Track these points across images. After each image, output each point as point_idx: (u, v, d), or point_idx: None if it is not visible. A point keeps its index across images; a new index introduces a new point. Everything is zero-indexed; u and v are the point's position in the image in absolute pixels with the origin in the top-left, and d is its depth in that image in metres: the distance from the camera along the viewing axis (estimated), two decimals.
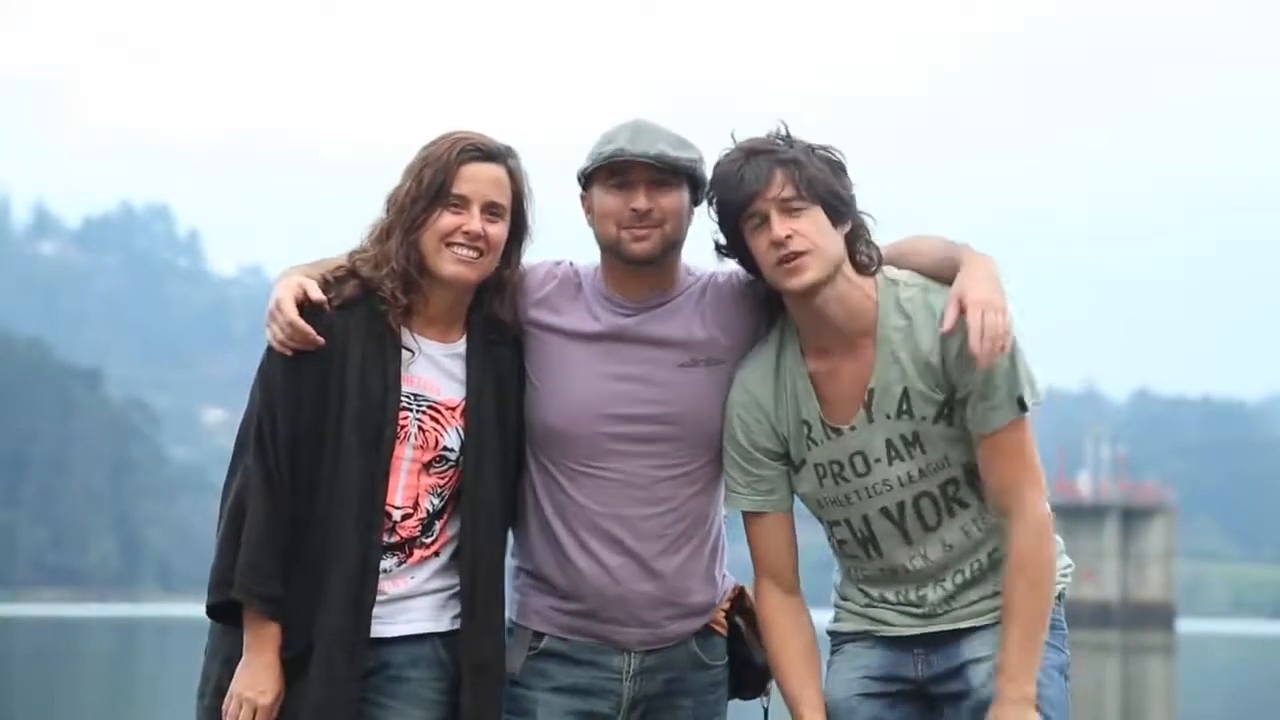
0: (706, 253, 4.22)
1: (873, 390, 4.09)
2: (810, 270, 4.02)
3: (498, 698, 4.20)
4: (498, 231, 4.19)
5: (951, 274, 4.06)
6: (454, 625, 4.19)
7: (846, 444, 4.13)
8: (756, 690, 4.41)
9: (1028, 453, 4.07)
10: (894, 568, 4.17)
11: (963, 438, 4.09)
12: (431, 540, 4.20)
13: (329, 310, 4.12)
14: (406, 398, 4.16)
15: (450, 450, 4.20)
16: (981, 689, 4.08)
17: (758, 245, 4.06)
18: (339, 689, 4.06)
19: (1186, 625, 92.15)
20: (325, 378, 4.11)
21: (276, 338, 4.11)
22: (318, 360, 4.11)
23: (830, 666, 4.26)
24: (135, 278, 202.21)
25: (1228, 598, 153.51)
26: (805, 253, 4.01)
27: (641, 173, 4.17)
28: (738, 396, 4.20)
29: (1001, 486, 4.07)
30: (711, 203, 4.12)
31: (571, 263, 4.37)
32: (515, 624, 4.30)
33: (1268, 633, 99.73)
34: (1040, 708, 4.03)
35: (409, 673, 4.16)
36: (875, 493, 4.14)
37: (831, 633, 4.31)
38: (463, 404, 4.21)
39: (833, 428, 4.13)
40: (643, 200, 4.18)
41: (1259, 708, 29.14)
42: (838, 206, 4.06)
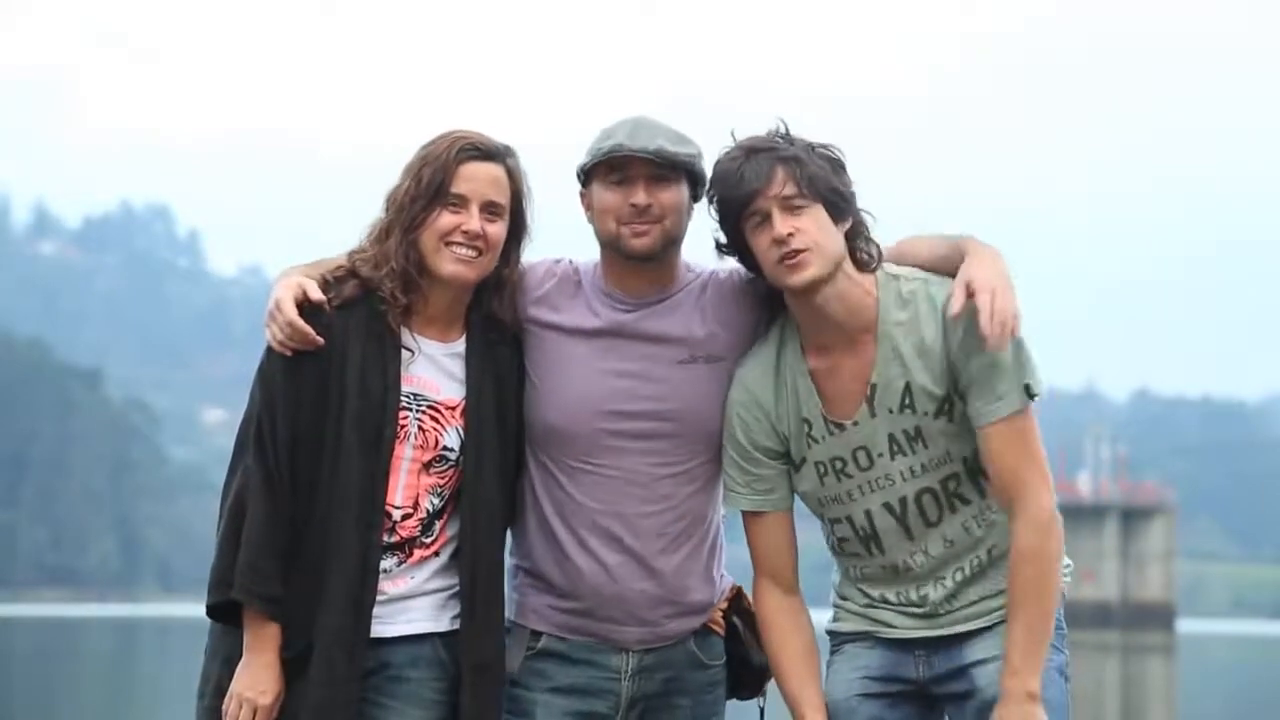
0: (707, 250, 4.22)
1: (875, 385, 4.09)
2: (811, 267, 4.02)
3: (498, 697, 4.19)
4: (497, 231, 4.19)
5: (954, 267, 4.06)
6: (454, 625, 4.19)
7: (849, 439, 4.12)
8: (754, 690, 4.40)
9: (1033, 444, 4.04)
10: (895, 565, 4.17)
11: (963, 433, 4.08)
12: (431, 540, 4.20)
13: (328, 310, 4.12)
14: (406, 397, 4.16)
15: (450, 450, 4.20)
16: (987, 689, 4.07)
17: (759, 243, 4.06)
18: (339, 689, 4.05)
19: (1186, 625, 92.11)
20: (325, 378, 4.11)
21: (276, 338, 4.10)
22: (317, 360, 4.11)
23: (830, 667, 4.25)
24: (135, 278, 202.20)
25: (1228, 598, 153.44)
26: (806, 250, 4.00)
27: (641, 168, 4.17)
28: (737, 395, 4.20)
29: (1006, 479, 4.04)
30: (712, 201, 4.12)
31: (571, 260, 4.36)
32: (513, 623, 4.29)
33: (1268, 633, 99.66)
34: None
35: (409, 673, 4.15)
36: (878, 487, 4.13)
37: (831, 633, 4.30)
38: (462, 403, 4.21)
39: (835, 423, 4.12)
40: (642, 196, 4.17)
41: (1259, 708, 29.12)
42: (838, 204, 4.06)
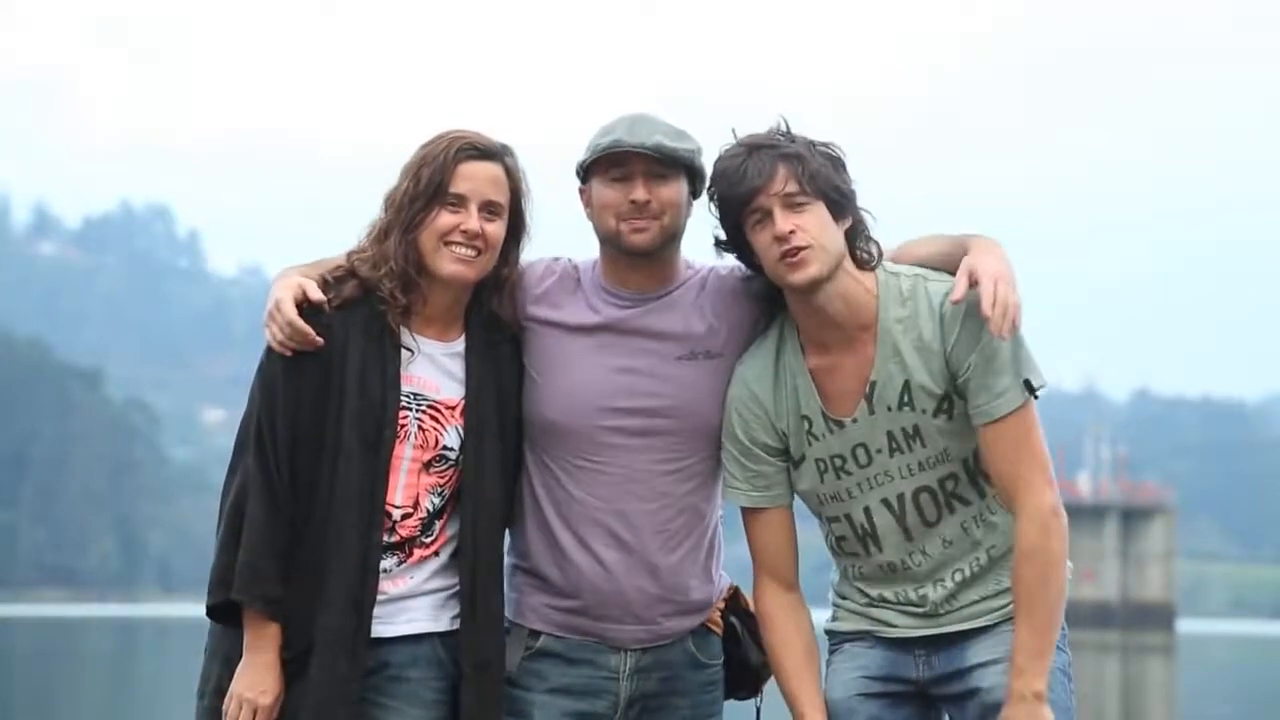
0: (706, 248, 4.22)
1: (874, 383, 4.09)
2: (813, 265, 4.01)
3: (498, 697, 4.19)
4: (495, 230, 4.19)
5: (956, 264, 4.06)
6: (454, 625, 4.19)
7: (849, 437, 4.12)
8: (751, 690, 4.40)
9: (1034, 441, 4.03)
10: (893, 564, 4.16)
11: (962, 432, 4.07)
12: (431, 540, 4.20)
13: (328, 310, 4.12)
14: (406, 397, 4.16)
15: (450, 449, 4.20)
16: (991, 692, 4.05)
17: (760, 240, 4.06)
18: (339, 689, 4.05)
19: (1186, 625, 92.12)
20: (325, 378, 4.11)
21: (276, 338, 4.10)
22: (317, 360, 4.11)
23: (829, 666, 4.25)
24: (135, 278, 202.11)
25: (1228, 598, 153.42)
26: (808, 248, 4.00)
27: (639, 164, 4.17)
28: (737, 392, 4.20)
29: (1007, 478, 4.03)
30: (713, 198, 4.12)
31: (570, 259, 4.36)
32: (511, 623, 4.28)
33: (1268, 633, 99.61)
34: None
35: (409, 672, 4.15)
36: (876, 484, 4.13)
37: (830, 632, 4.30)
38: (462, 403, 4.21)
39: (835, 421, 4.12)
40: (641, 191, 4.18)
41: (1259, 708, 29.08)
42: (839, 202, 4.06)
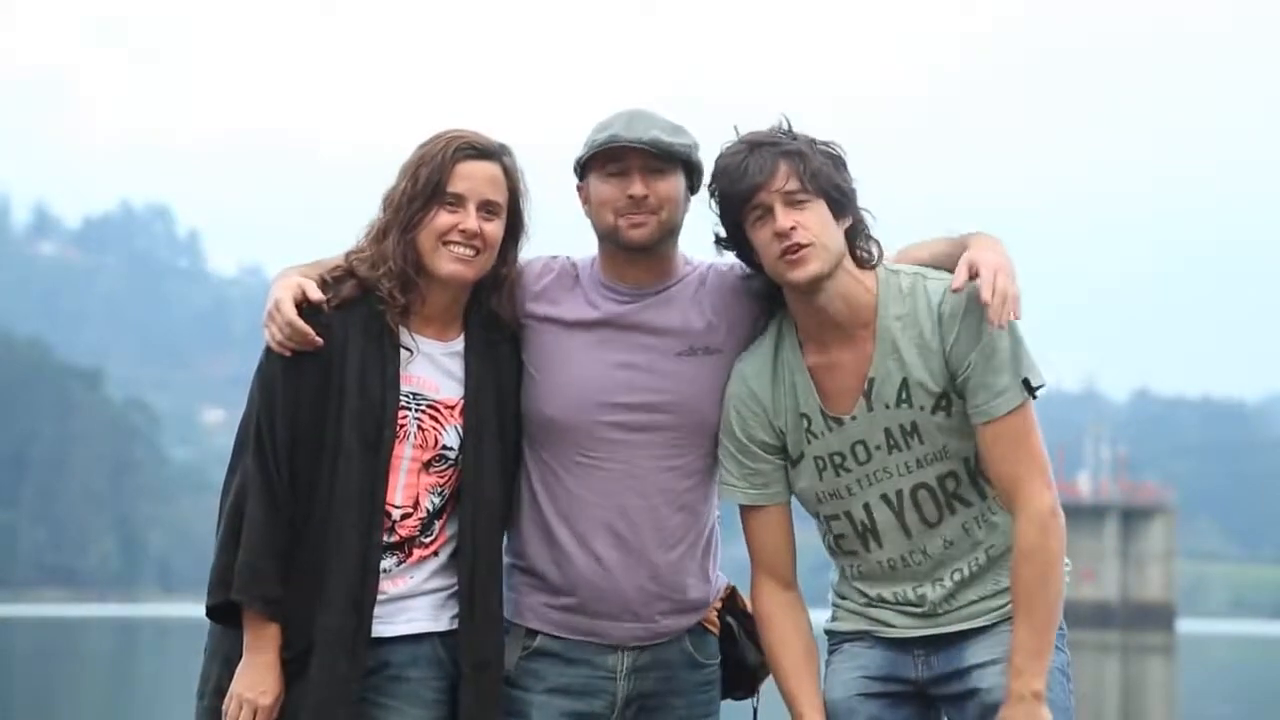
0: (706, 246, 4.22)
1: (872, 380, 4.09)
2: (813, 263, 4.02)
3: (497, 697, 4.19)
4: (494, 229, 4.19)
5: (955, 261, 4.07)
6: (453, 625, 4.19)
7: (848, 434, 4.12)
8: (748, 691, 4.40)
9: (1032, 441, 4.03)
10: (893, 561, 4.16)
11: (961, 431, 4.07)
12: (431, 540, 4.20)
13: (327, 310, 4.12)
14: (405, 397, 4.16)
15: (450, 449, 4.20)
16: (990, 692, 4.05)
17: (760, 237, 4.06)
18: (339, 689, 4.05)
19: (1186, 625, 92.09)
20: (324, 378, 4.11)
21: (275, 338, 4.10)
22: (316, 360, 4.11)
23: (829, 666, 4.24)
24: (135, 278, 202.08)
25: (1228, 598, 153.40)
26: (809, 245, 4.01)
27: (637, 159, 4.17)
28: (735, 389, 4.20)
29: (1006, 477, 4.03)
30: (714, 194, 4.12)
31: (568, 256, 4.37)
32: (509, 622, 4.28)
33: (1268, 633, 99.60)
34: None
35: (409, 672, 4.15)
36: (875, 480, 4.12)
37: (829, 632, 4.29)
38: (461, 402, 4.21)
39: (834, 418, 4.12)
40: (639, 186, 4.18)
41: (1259, 708, 29.08)
42: (840, 200, 4.06)
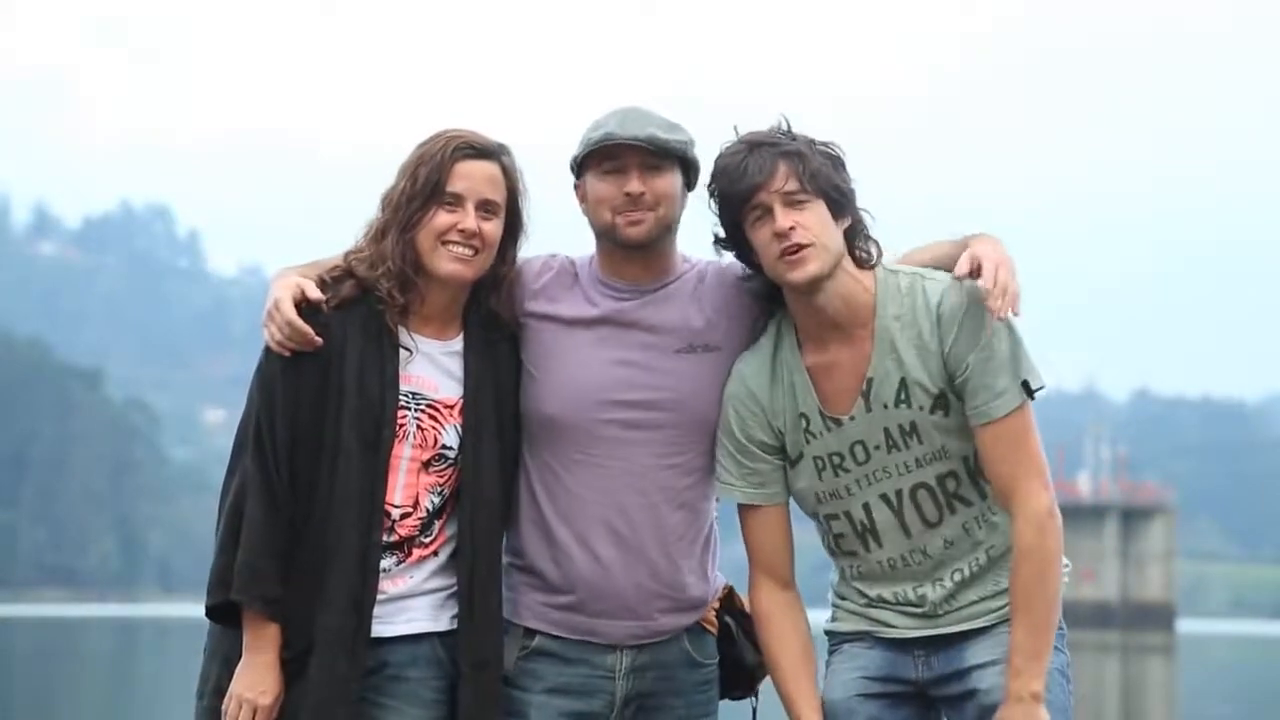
0: (705, 246, 4.22)
1: (871, 380, 4.08)
2: (812, 263, 4.02)
3: (496, 696, 4.19)
4: (493, 229, 4.18)
5: (955, 261, 4.08)
6: (453, 625, 4.19)
7: (847, 434, 4.12)
8: (746, 690, 4.40)
9: (1031, 442, 4.03)
10: (893, 561, 4.16)
11: (960, 430, 4.07)
12: (430, 540, 4.20)
13: (326, 310, 4.12)
14: (405, 396, 4.16)
15: (449, 448, 4.19)
16: (989, 693, 4.05)
17: (759, 237, 4.06)
18: (339, 689, 4.05)
19: (1186, 625, 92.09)
20: (323, 378, 4.11)
21: (275, 338, 4.10)
22: (316, 360, 4.10)
23: (829, 666, 4.24)
24: (135, 278, 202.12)
25: (1228, 598, 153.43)
26: (808, 245, 4.01)
27: (633, 156, 4.17)
28: (734, 389, 4.20)
29: (1004, 478, 4.03)
30: (713, 195, 4.12)
31: (566, 255, 4.36)
32: (508, 622, 4.27)
33: (1268, 633, 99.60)
34: None
35: (408, 672, 4.15)
36: (875, 480, 4.12)
37: (829, 633, 4.29)
38: (461, 402, 4.20)
39: (832, 419, 4.12)
40: (635, 184, 4.18)
41: (1259, 708, 29.08)
42: (839, 201, 4.06)
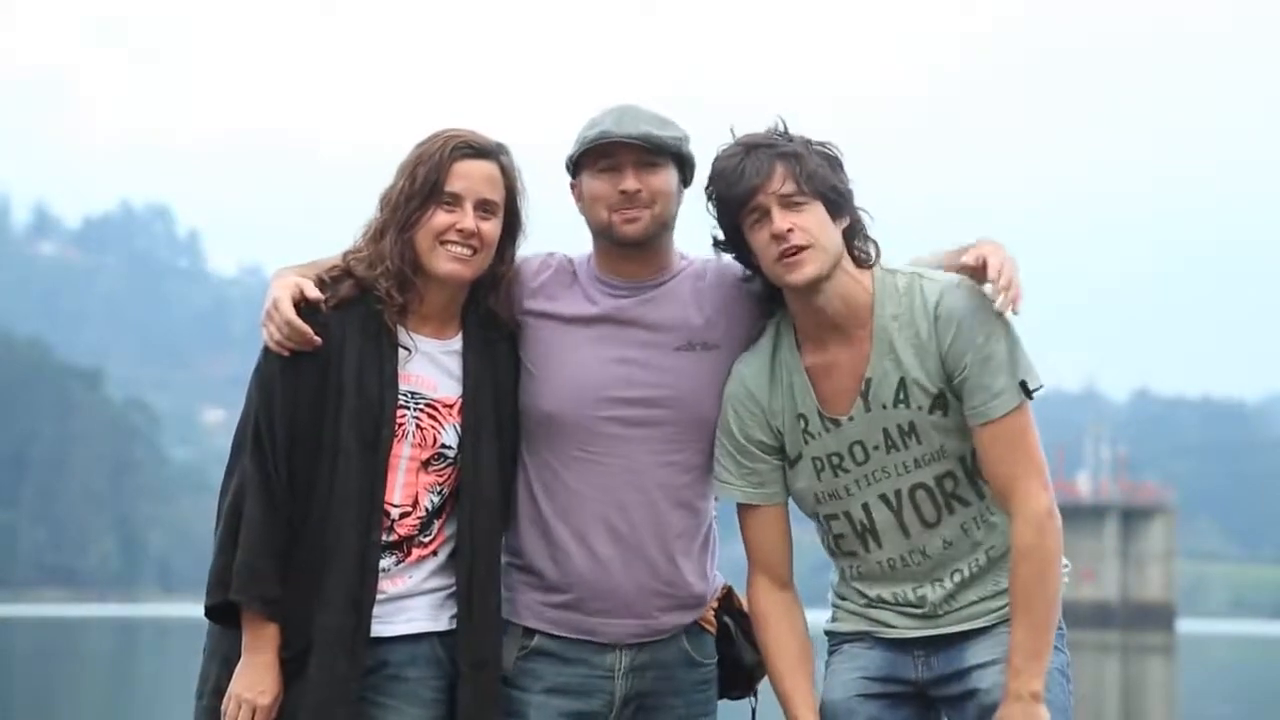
0: (704, 246, 4.21)
1: (869, 380, 4.08)
2: (811, 265, 4.01)
3: (495, 696, 4.18)
4: (491, 228, 4.18)
5: (955, 264, 4.09)
6: (452, 625, 4.18)
7: (845, 435, 4.12)
8: (745, 690, 4.40)
9: (1029, 442, 4.03)
10: (892, 561, 4.15)
11: (958, 431, 4.07)
12: (429, 539, 4.19)
13: (325, 310, 4.12)
14: (404, 396, 4.15)
15: (448, 448, 4.19)
16: (989, 693, 4.05)
17: (758, 240, 4.05)
18: (338, 688, 4.05)
19: (1186, 625, 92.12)
20: (322, 377, 4.11)
21: (274, 338, 4.10)
22: (315, 360, 4.10)
23: (829, 667, 4.24)
24: (135, 278, 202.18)
25: (1228, 598, 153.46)
26: (807, 247, 4.01)
27: (628, 154, 4.18)
28: (733, 390, 4.20)
29: (1002, 478, 4.03)
30: (710, 198, 4.12)
31: (565, 254, 4.36)
32: (507, 621, 4.27)
33: (1268, 633, 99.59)
34: None
35: (407, 672, 4.15)
36: (874, 480, 4.12)
37: (829, 633, 4.29)
38: (460, 401, 4.20)
39: (831, 419, 4.12)
40: (631, 181, 4.18)
41: (1259, 708, 29.09)
42: (837, 201, 4.06)
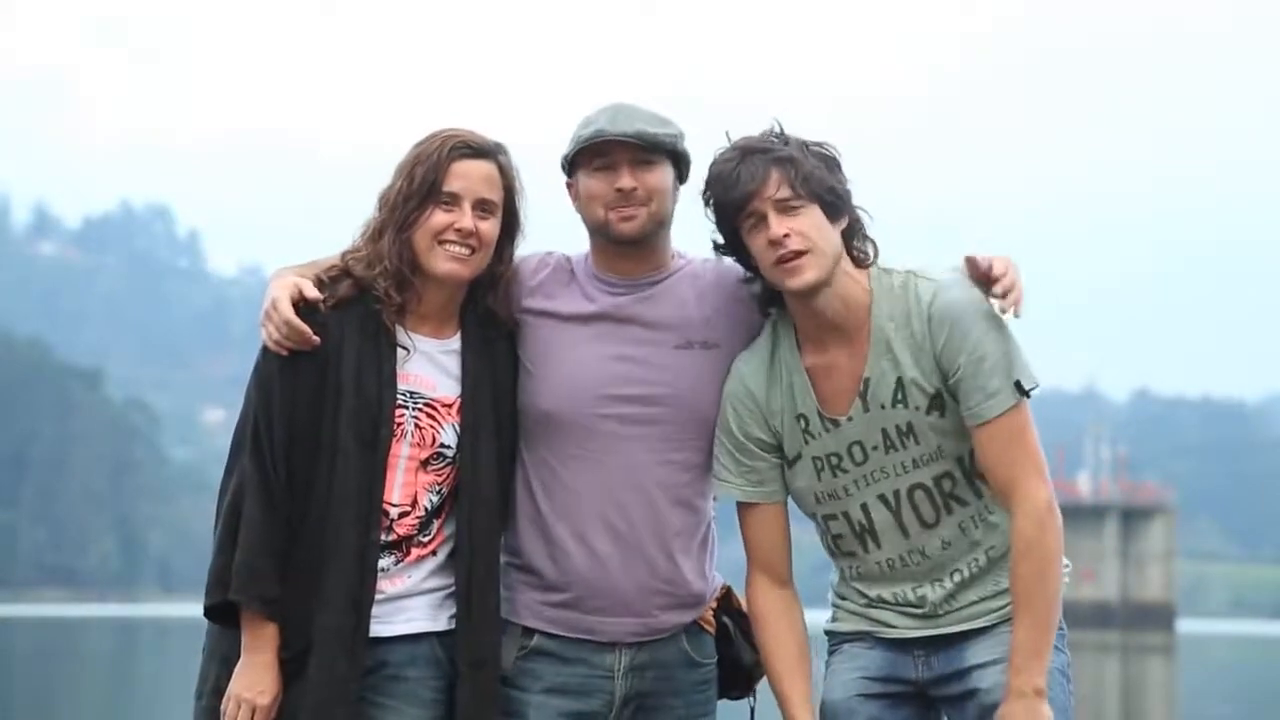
0: (704, 247, 4.21)
1: (868, 380, 4.09)
2: (809, 270, 4.02)
3: (494, 695, 4.18)
4: (489, 228, 4.18)
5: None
6: (451, 625, 4.18)
7: (844, 435, 4.12)
8: (744, 690, 4.40)
9: (1028, 440, 4.03)
10: (891, 561, 4.16)
11: (956, 432, 4.08)
12: (429, 539, 4.19)
13: (323, 310, 4.11)
14: (403, 395, 4.15)
15: (447, 447, 4.19)
16: (989, 692, 4.04)
17: (756, 244, 4.06)
18: (338, 688, 4.05)
19: (1186, 625, 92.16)
20: (321, 377, 4.10)
21: (272, 338, 4.09)
22: (313, 360, 4.10)
23: (829, 667, 4.25)
24: (135, 278, 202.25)
25: (1228, 598, 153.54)
26: (804, 252, 4.01)
27: (623, 152, 4.18)
28: (732, 387, 4.20)
29: (1002, 477, 4.03)
30: (708, 203, 4.12)
31: (562, 252, 4.36)
32: (506, 621, 4.27)
33: (1268, 633, 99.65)
34: None
35: (407, 672, 4.15)
36: (873, 480, 4.12)
37: (829, 633, 4.29)
38: (459, 400, 4.20)
39: (830, 420, 4.12)
40: (627, 179, 4.18)
41: (1259, 708, 29.10)
42: (834, 203, 4.06)
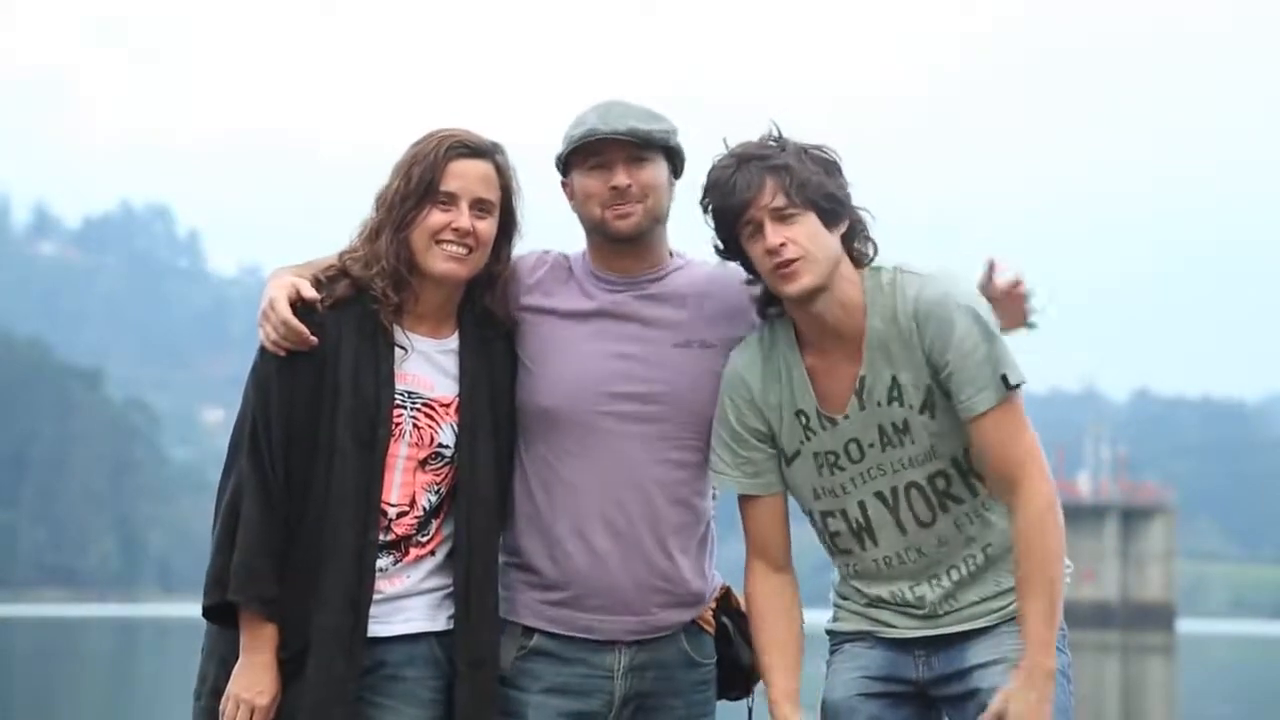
0: (703, 247, 4.20)
1: (864, 378, 4.09)
2: (805, 277, 4.02)
3: (493, 695, 4.18)
4: (486, 228, 4.18)
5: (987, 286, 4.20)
6: (450, 625, 4.18)
7: (841, 433, 4.12)
8: (743, 691, 4.39)
9: (1021, 434, 4.04)
10: (888, 559, 4.16)
11: (950, 430, 4.08)
12: (427, 539, 4.19)
13: (321, 310, 4.11)
14: (400, 395, 4.15)
15: (446, 447, 4.19)
16: (990, 693, 4.04)
17: (754, 252, 4.07)
18: (336, 688, 4.05)
19: (1186, 625, 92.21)
20: (319, 377, 4.10)
21: (270, 338, 4.09)
22: (311, 360, 4.10)
23: (830, 666, 4.26)
24: (135, 278, 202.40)
25: (1228, 598, 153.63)
26: (800, 259, 4.02)
27: (617, 150, 4.18)
28: (728, 378, 4.20)
29: (999, 470, 4.04)
30: (706, 210, 4.12)
31: (560, 251, 4.36)
32: (505, 621, 4.26)
33: (1268, 633, 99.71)
34: None
35: (406, 672, 4.15)
36: (870, 477, 4.13)
37: (830, 632, 4.30)
38: (457, 400, 4.20)
39: (828, 418, 4.12)
40: (621, 177, 4.19)
41: (1259, 708, 29.12)
42: (832, 209, 4.06)
